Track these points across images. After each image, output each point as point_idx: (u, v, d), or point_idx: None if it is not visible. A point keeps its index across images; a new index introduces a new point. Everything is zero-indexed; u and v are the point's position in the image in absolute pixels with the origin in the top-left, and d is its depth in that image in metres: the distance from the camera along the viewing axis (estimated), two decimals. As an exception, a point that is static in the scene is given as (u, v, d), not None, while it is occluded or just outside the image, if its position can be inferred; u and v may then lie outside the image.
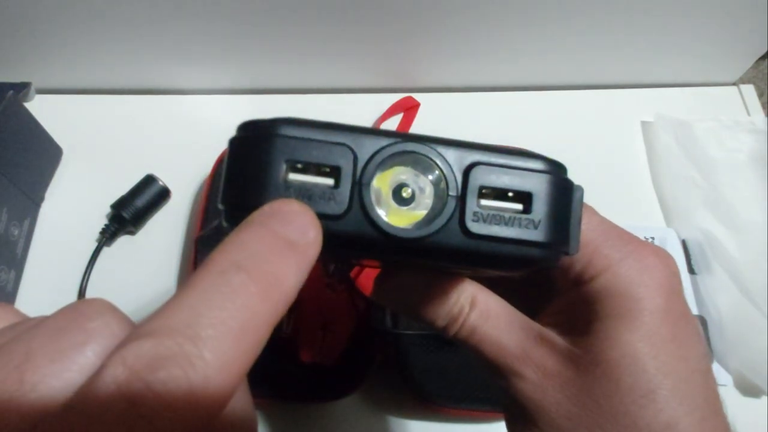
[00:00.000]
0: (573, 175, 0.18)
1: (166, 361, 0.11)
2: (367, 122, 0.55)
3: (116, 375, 0.11)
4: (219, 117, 0.55)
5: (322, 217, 0.16)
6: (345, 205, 0.16)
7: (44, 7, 0.47)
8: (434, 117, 0.56)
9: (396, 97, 0.56)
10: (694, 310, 0.47)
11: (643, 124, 0.57)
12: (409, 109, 0.56)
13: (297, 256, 0.14)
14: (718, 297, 0.46)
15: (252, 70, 0.56)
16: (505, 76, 0.58)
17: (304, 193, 0.16)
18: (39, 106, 0.48)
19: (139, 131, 0.54)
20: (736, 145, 0.54)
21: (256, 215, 0.14)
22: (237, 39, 0.52)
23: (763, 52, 0.57)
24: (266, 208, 0.15)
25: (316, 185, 0.16)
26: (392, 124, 0.55)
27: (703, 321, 0.46)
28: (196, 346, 0.11)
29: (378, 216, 0.16)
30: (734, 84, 0.60)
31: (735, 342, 0.44)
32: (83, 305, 0.13)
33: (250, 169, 0.16)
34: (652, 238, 0.49)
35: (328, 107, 0.57)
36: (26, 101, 0.47)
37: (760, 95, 0.59)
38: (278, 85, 0.57)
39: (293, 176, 0.16)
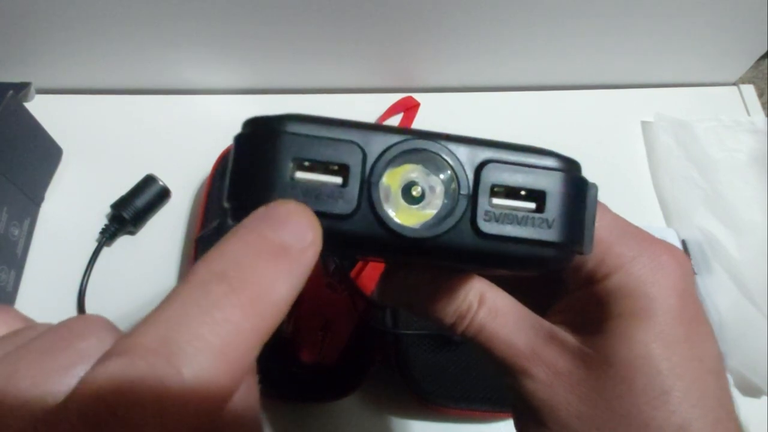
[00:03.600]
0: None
1: (134, 382, 0.10)
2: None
3: (82, 399, 0.10)
4: (219, 117, 0.55)
5: (329, 216, 0.16)
6: (353, 204, 0.16)
7: (44, 7, 0.47)
8: (434, 117, 0.56)
9: (396, 97, 0.56)
10: (694, 310, 0.47)
11: (643, 124, 0.57)
12: (409, 109, 0.56)
13: (289, 262, 0.13)
14: (718, 297, 0.46)
15: (252, 70, 0.56)
16: (505, 76, 0.58)
17: (312, 192, 0.16)
18: (39, 106, 0.48)
19: (139, 131, 0.54)
20: (736, 145, 0.54)
21: (247, 219, 0.13)
22: (237, 39, 0.52)
23: (763, 52, 0.57)
24: (259, 211, 0.14)
25: (323, 184, 0.16)
26: (392, 124, 0.55)
27: (703, 321, 0.46)
28: (172, 364, 0.11)
29: (387, 215, 0.16)
30: (734, 84, 0.60)
31: (735, 342, 0.44)
32: (76, 323, 0.13)
33: (256, 167, 0.16)
34: (652, 238, 0.49)
35: (329, 107, 0.56)
36: (26, 101, 0.47)
37: (760, 95, 0.59)
38: (278, 85, 0.57)
39: (300, 174, 0.16)
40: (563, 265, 0.18)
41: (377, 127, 0.16)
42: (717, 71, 0.59)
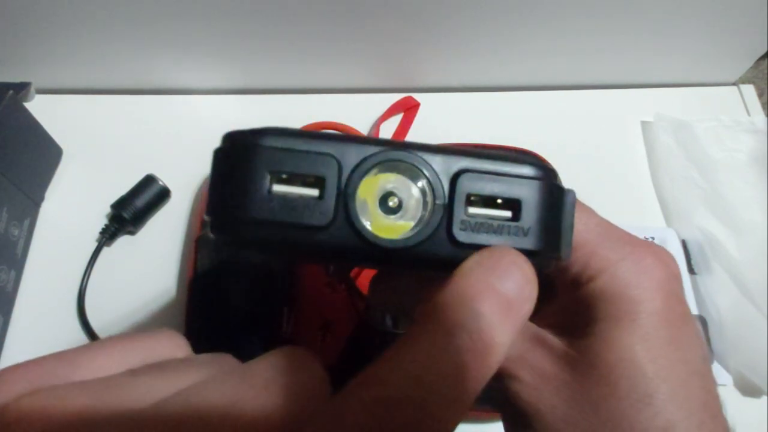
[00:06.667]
0: (573, 175, 0.18)
1: (389, 419, 0.12)
2: (367, 122, 0.55)
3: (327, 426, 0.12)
4: (219, 117, 0.55)
5: (307, 228, 0.16)
6: (330, 216, 0.16)
7: (44, 7, 0.47)
8: (434, 117, 0.56)
9: (396, 97, 0.56)
10: (694, 310, 0.47)
11: (643, 124, 0.57)
12: (409, 109, 0.56)
13: (514, 315, 0.14)
14: (718, 297, 0.46)
15: (252, 70, 0.56)
16: (505, 76, 0.58)
17: (289, 205, 0.16)
18: (39, 106, 0.48)
19: (139, 131, 0.54)
20: (736, 145, 0.54)
21: (475, 266, 0.14)
22: (237, 39, 0.52)
23: (763, 52, 0.57)
24: (485, 258, 0.14)
25: (300, 196, 0.16)
26: (392, 124, 0.55)
27: (703, 321, 0.46)
28: (424, 407, 0.12)
29: (363, 226, 0.16)
30: (734, 84, 0.60)
31: (735, 342, 0.44)
32: (293, 354, 0.14)
33: (234, 181, 0.16)
34: (652, 238, 0.49)
35: (329, 107, 0.57)
36: (26, 101, 0.47)
37: (760, 95, 0.59)
38: (278, 85, 0.57)
39: (277, 187, 0.16)
40: (541, 271, 0.18)
41: (353, 139, 0.17)
42: (717, 71, 0.59)
